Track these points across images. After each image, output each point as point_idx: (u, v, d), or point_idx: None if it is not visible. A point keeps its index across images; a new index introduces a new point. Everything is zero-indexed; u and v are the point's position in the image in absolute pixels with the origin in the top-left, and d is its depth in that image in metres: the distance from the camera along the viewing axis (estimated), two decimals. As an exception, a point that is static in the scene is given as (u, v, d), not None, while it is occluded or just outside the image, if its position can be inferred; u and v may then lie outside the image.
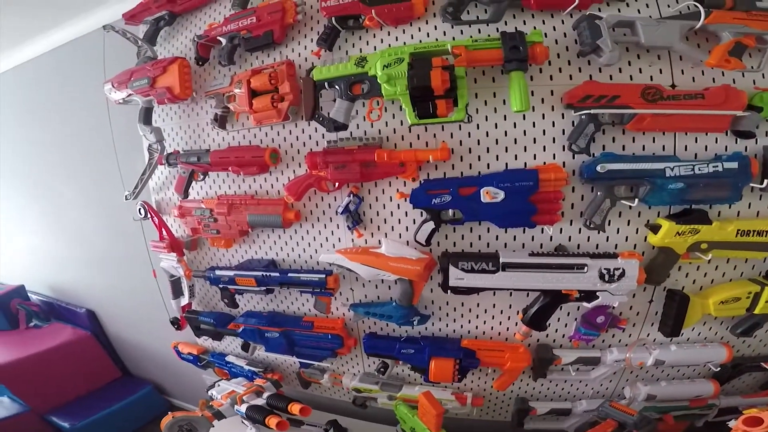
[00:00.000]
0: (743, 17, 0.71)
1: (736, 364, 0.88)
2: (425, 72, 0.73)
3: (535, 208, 0.78)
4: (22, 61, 1.64)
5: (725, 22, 0.71)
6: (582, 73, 0.79)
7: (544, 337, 0.91)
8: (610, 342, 0.90)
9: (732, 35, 0.72)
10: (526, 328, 0.87)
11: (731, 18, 0.71)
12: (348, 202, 0.89)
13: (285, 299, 1.10)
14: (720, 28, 0.72)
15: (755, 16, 0.71)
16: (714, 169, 0.72)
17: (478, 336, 0.95)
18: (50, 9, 1.30)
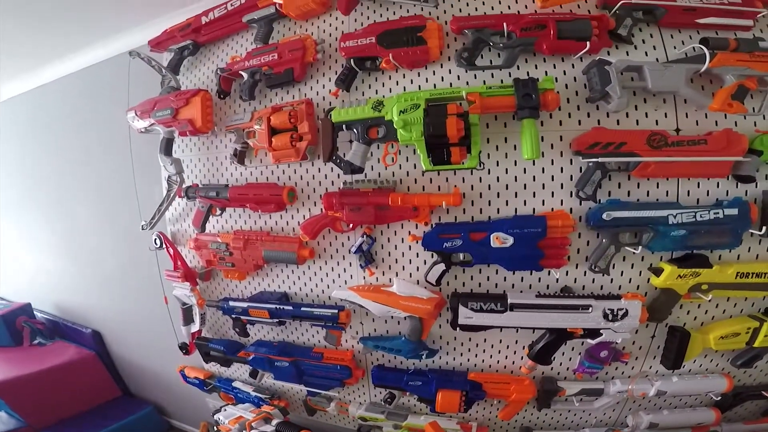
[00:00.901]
0: (746, 59, 0.74)
1: (737, 393, 0.90)
2: (441, 120, 0.75)
3: (543, 253, 0.80)
4: (46, 80, 1.63)
5: (729, 65, 0.74)
6: (590, 119, 0.81)
7: (549, 370, 0.92)
8: (613, 374, 0.91)
9: (735, 78, 0.74)
10: (532, 363, 0.88)
11: (735, 60, 0.74)
12: (361, 242, 0.90)
13: (295, 330, 1.10)
14: (724, 71, 0.74)
15: (758, 57, 0.74)
16: (715, 216, 0.75)
17: (484, 369, 0.96)
18: (79, 30, 1.31)
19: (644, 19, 0.82)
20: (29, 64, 1.56)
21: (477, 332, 0.88)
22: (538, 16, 0.81)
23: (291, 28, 1.03)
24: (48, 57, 1.51)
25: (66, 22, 1.26)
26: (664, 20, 0.81)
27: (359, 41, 0.89)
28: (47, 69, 1.59)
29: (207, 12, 1.08)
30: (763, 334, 0.79)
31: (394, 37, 0.87)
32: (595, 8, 0.84)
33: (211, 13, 1.07)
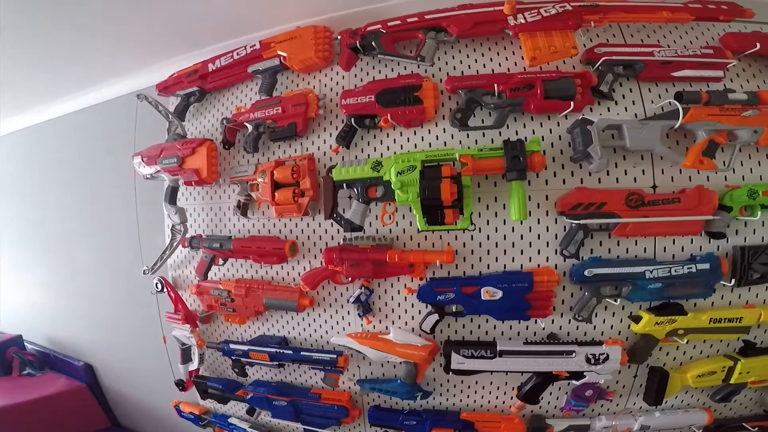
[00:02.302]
0: (716, 113, 0.83)
1: (718, 426, 0.98)
2: (435, 183, 0.82)
3: (530, 304, 0.88)
4: (52, 116, 1.65)
5: (701, 120, 0.82)
6: (575, 177, 0.90)
7: (537, 408, 0.99)
8: (599, 411, 0.98)
9: (706, 133, 0.82)
10: (521, 403, 0.96)
11: (706, 115, 0.82)
12: (360, 293, 0.96)
13: (294, 371, 1.15)
14: (696, 126, 0.83)
15: (727, 110, 0.82)
16: (688, 271, 0.84)
17: (476, 409, 1.03)
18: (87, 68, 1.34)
19: (624, 73, 0.90)
20: (34, 100, 1.58)
21: (469, 376, 0.96)
22: (526, 75, 0.89)
23: (294, 80, 1.09)
24: (57, 93, 1.54)
25: (74, 61, 1.29)
26: (642, 74, 0.90)
27: (359, 99, 0.95)
28: (54, 105, 1.61)
29: (214, 59, 1.13)
30: (738, 372, 0.88)
31: (392, 95, 0.94)
32: (580, 63, 0.93)
33: (218, 61, 1.12)
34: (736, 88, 0.89)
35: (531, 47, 0.88)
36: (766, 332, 0.91)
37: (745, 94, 0.83)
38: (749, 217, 0.82)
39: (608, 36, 0.95)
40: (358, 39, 0.97)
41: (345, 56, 0.99)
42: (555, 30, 0.88)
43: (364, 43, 0.97)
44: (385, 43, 0.97)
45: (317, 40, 1.01)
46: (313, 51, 0.99)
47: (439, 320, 0.94)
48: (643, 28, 0.95)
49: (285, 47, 1.02)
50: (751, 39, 0.88)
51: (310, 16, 1.07)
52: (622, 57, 0.88)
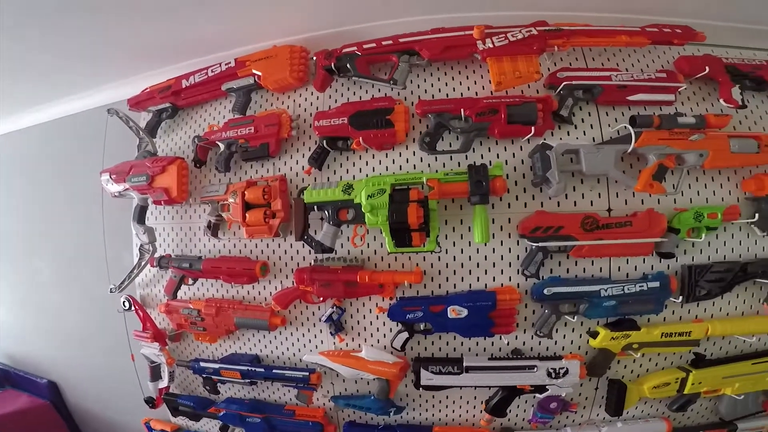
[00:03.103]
0: (666, 137, 0.90)
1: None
2: (403, 207, 0.87)
3: (494, 322, 0.95)
4: (17, 128, 1.63)
5: (652, 144, 0.89)
6: (535, 200, 0.97)
7: (507, 421, 1.06)
8: (564, 422, 1.06)
9: (656, 157, 0.89)
10: (489, 416, 1.03)
11: (657, 139, 0.89)
12: (331, 312, 1.01)
13: (267, 388, 1.18)
14: (647, 150, 0.90)
15: (676, 134, 0.90)
16: (640, 289, 0.92)
17: (448, 423, 1.09)
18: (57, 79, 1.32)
19: (584, 98, 0.98)
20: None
21: (439, 391, 1.02)
22: (491, 100, 0.95)
23: (268, 99, 1.13)
24: (24, 104, 1.52)
25: (42, 72, 1.28)
26: (600, 98, 0.97)
27: (332, 121, 1.00)
28: (20, 116, 1.59)
29: (188, 75, 1.15)
30: (690, 383, 0.97)
31: (365, 118, 0.99)
32: (544, 87, 1.00)
33: (192, 77, 1.14)
34: (686, 111, 0.97)
35: (497, 72, 0.95)
36: (715, 344, 1.00)
37: (693, 118, 0.91)
38: (695, 238, 0.91)
39: (571, 60, 1.03)
40: (333, 60, 1.02)
41: (320, 77, 1.03)
42: (520, 55, 0.95)
43: (339, 64, 1.02)
44: (359, 66, 1.02)
45: (293, 60, 1.05)
46: (288, 71, 1.03)
47: (409, 338, 1.00)
48: (604, 52, 1.04)
49: (260, 66, 1.06)
50: (701, 62, 0.97)
51: (287, 35, 1.11)
52: (581, 81, 0.96)
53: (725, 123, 0.90)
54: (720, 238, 0.95)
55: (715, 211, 0.88)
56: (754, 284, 0.96)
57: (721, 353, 1.01)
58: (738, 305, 0.98)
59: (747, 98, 0.97)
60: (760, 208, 0.92)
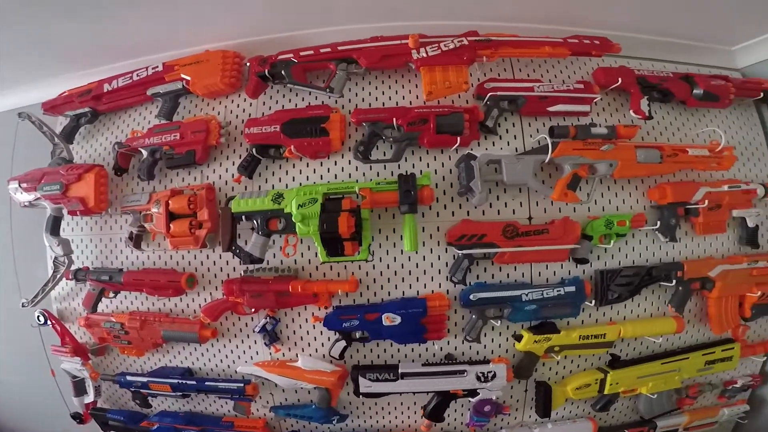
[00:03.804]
0: (581, 147, 0.97)
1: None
2: (334, 217, 0.89)
3: (426, 328, 0.99)
4: None
5: (567, 154, 0.96)
6: (462, 209, 1.02)
7: (447, 426, 1.11)
8: (500, 425, 1.12)
9: (571, 167, 0.97)
10: (428, 421, 1.07)
11: (572, 149, 0.96)
12: (265, 323, 1.02)
13: (202, 401, 1.17)
14: (563, 160, 0.97)
15: (590, 144, 0.97)
16: (558, 293, 0.99)
17: (392, 429, 1.13)
18: None
19: (509, 108, 1.03)
20: None
21: (379, 397, 1.05)
22: (422, 110, 1.00)
23: (198, 105, 1.12)
24: None
25: None
26: (523, 109, 1.03)
27: (264, 128, 1.01)
28: None
29: (111, 79, 1.12)
30: (609, 383, 1.05)
31: (299, 126, 1.00)
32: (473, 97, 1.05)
33: (115, 81, 1.11)
34: (601, 122, 1.05)
35: (428, 82, 0.99)
36: (629, 345, 1.10)
37: (605, 128, 0.99)
38: (606, 244, 1.00)
39: (500, 70, 1.10)
40: (267, 67, 1.03)
41: (252, 84, 1.04)
42: (451, 65, 1.00)
43: (273, 71, 1.03)
44: (295, 73, 1.03)
45: (225, 65, 1.05)
46: (219, 76, 1.03)
47: (347, 346, 1.02)
48: (531, 63, 1.11)
49: (190, 71, 1.05)
50: (615, 74, 1.05)
51: (221, 40, 1.11)
52: (506, 92, 1.02)
53: (633, 134, 0.99)
54: (629, 244, 1.05)
55: (623, 218, 0.98)
56: (660, 287, 1.07)
57: (635, 354, 1.11)
58: (647, 307, 1.08)
59: (654, 110, 1.06)
60: (663, 216, 1.02)
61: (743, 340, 1.12)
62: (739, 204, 1.04)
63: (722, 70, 1.20)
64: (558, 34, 1.05)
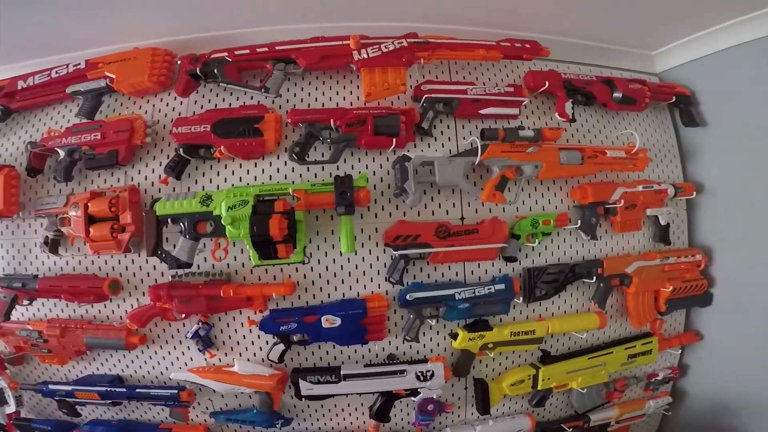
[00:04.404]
0: (508, 149, 1.02)
1: (543, 429, 1.19)
2: (265, 219, 0.89)
3: (366, 329, 1.01)
4: None
5: (495, 157, 1.01)
6: (399, 210, 1.05)
7: (395, 425, 1.15)
8: (445, 423, 1.16)
9: (499, 169, 1.01)
10: (375, 422, 1.10)
11: (500, 152, 1.01)
12: (197, 328, 1.01)
13: (137, 408, 1.14)
14: (492, 162, 1.02)
15: (517, 147, 1.02)
16: (488, 291, 1.04)
17: (340, 431, 1.14)
18: None
19: (444, 111, 1.07)
20: None
21: (323, 399, 1.06)
22: (360, 111, 1.01)
23: (124, 103, 1.09)
24: None
25: None
26: (457, 112, 1.07)
27: (193, 128, 0.99)
28: None
29: (26, 76, 1.06)
30: (541, 378, 1.10)
31: (231, 126, 0.99)
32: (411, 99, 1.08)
33: (30, 78, 1.05)
34: (529, 124, 1.12)
35: (368, 83, 1.01)
36: (558, 341, 1.17)
37: (532, 131, 1.05)
38: (533, 243, 1.06)
39: (438, 73, 1.13)
40: (199, 65, 1.01)
41: (182, 82, 1.02)
42: (390, 66, 1.02)
43: (206, 70, 1.01)
44: (228, 72, 1.02)
45: (154, 63, 1.03)
46: (147, 74, 1.01)
47: (286, 349, 1.03)
48: (467, 65, 1.15)
49: (115, 68, 1.02)
50: (543, 77, 1.11)
51: (152, 37, 1.08)
52: (441, 95, 1.05)
53: (558, 136, 1.05)
54: (554, 243, 1.12)
55: (548, 218, 1.04)
56: (583, 284, 1.14)
57: (564, 349, 1.18)
58: (572, 303, 1.16)
59: (579, 113, 1.14)
60: (584, 215, 1.10)
61: (660, 334, 1.22)
62: (652, 203, 1.13)
63: (643, 75, 1.29)
64: (493, 38, 1.09)
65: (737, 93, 1.12)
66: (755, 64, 1.06)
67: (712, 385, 1.25)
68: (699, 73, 1.20)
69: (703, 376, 1.28)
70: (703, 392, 1.28)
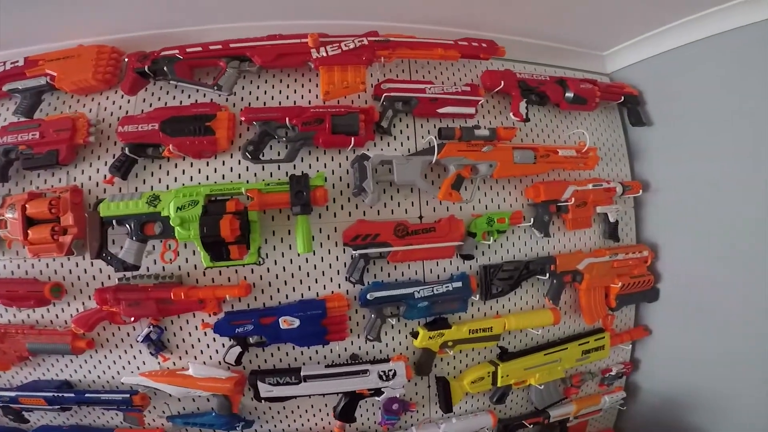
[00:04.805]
0: (464, 148, 1.04)
1: (505, 426, 1.21)
2: (216, 220, 0.88)
3: (327, 329, 1.01)
4: None
5: (452, 156, 1.03)
6: (358, 210, 1.06)
7: (361, 426, 1.15)
8: (411, 422, 1.17)
9: (455, 168, 1.03)
10: (340, 422, 1.10)
11: (456, 150, 1.03)
12: (149, 332, 0.99)
13: (90, 413, 1.11)
14: (448, 161, 1.04)
15: (472, 146, 1.05)
16: (446, 289, 1.06)
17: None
18: None
19: (403, 109, 1.08)
20: None
21: (284, 401, 1.06)
22: (318, 109, 1.01)
23: (66, 101, 1.05)
24: None
25: None
26: (416, 110, 1.08)
27: (140, 126, 0.96)
28: None
29: None
30: (500, 375, 1.13)
31: (181, 124, 0.97)
32: (372, 98, 1.08)
33: None
34: (486, 124, 1.14)
35: (326, 81, 1.01)
36: (515, 338, 1.20)
37: (487, 130, 1.07)
38: (488, 241, 1.08)
39: (399, 72, 1.14)
40: (147, 63, 0.99)
41: (129, 80, 0.99)
42: (350, 65, 1.03)
43: (155, 67, 0.99)
44: (179, 70, 1.00)
45: (99, 60, 1.00)
46: (92, 72, 0.98)
47: (243, 352, 1.02)
48: (427, 65, 1.17)
49: (57, 66, 0.98)
50: (499, 77, 1.13)
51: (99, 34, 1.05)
52: (400, 93, 1.06)
53: (512, 135, 1.08)
54: (509, 240, 1.15)
55: (503, 216, 1.07)
56: (538, 280, 1.18)
57: (521, 346, 1.21)
58: (528, 300, 1.19)
59: (532, 112, 1.18)
60: (537, 213, 1.14)
61: (612, 330, 1.27)
62: (602, 201, 1.18)
63: (595, 75, 1.34)
64: (452, 37, 1.10)
65: (681, 93, 1.18)
66: (698, 65, 1.12)
67: (663, 379, 1.31)
68: (646, 73, 1.26)
69: (653, 371, 1.34)
70: (654, 387, 1.34)
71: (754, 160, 1.02)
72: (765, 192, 1.00)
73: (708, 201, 1.13)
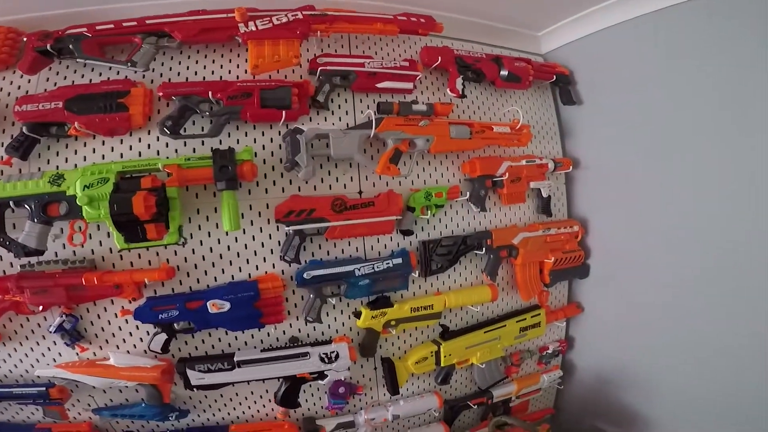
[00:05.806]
0: (402, 123, 1.05)
1: (451, 407, 1.24)
2: (128, 197, 0.83)
3: (261, 312, 1.00)
4: None
5: (390, 130, 1.04)
6: (293, 185, 1.04)
7: (308, 411, 1.14)
8: (360, 405, 1.17)
9: (393, 142, 1.05)
10: (283, 408, 1.09)
11: (394, 125, 1.04)
12: (61, 321, 0.93)
13: (6, 409, 1.04)
14: (386, 135, 1.05)
15: (410, 120, 1.06)
16: (387, 266, 1.07)
17: (248, 420, 1.12)
18: None
19: (341, 84, 1.07)
20: None
21: (219, 389, 1.03)
22: (244, 84, 0.98)
23: (-41, 84, 0.96)
24: None
25: None
26: (354, 85, 1.08)
27: (41, 105, 0.90)
28: None
29: None
30: (443, 355, 1.14)
31: (89, 102, 0.92)
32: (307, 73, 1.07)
33: None
34: (423, 99, 1.16)
35: (255, 55, 0.99)
36: (456, 316, 1.24)
37: (425, 105, 1.09)
38: (427, 216, 1.10)
39: (338, 47, 1.13)
40: (50, 42, 0.92)
41: (29, 59, 0.92)
42: (282, 39, 1.00)
43: (59, 46, 0.92)
44: (87, 47, 0.94)
45: (-7, 41, 0.90)
46: (-16, 53, 0.89)
47: (170, 339, 0.98)
48: (367, 39, 1.16)
49: (-61, 48, 0.88)
50: (436, 53, 1.15)
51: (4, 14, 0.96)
52: (338, 67, 1.06)
53: (448, 111, 1.11)
54: (447, 215, 1.18)
55: (440, 190, 1.10)
56: (476, 256, 1.22)
57: (462, 324, 1.25)
58: (467, 276, 1.23)
59: (469, 89, 1.21)
60: (474, 188, 1.17)
61: (547, 306, 1.34)
62: (535, 177, 1.23)
63: (530, 55, 1.39)
64: (392, 12, 1.11)
65: (609, 72, 1.25)
66: (625, 45, 1.18)
67: (596, 357, 1.38)
68: (577, 53, 1.33)
69: (587, 349, 1.41)
70: (588, 365, 1.41)
71: (678, 137, 1.09)
72: (689, 169, 1.07)
73: (634, 178, 1.20)
